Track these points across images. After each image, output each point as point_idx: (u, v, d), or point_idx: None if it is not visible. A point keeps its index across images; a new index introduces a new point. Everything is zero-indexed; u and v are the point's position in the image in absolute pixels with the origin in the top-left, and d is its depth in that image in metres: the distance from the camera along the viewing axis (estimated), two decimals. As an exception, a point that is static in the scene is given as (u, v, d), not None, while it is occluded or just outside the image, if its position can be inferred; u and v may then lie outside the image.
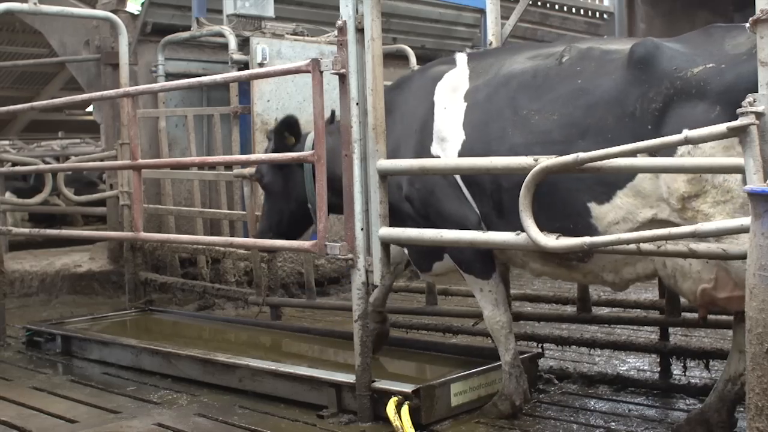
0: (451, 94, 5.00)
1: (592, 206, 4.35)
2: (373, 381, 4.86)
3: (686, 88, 4.08)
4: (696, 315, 5.36)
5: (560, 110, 4.49)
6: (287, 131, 5.66)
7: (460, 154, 4.80)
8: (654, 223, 4.18)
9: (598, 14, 17.93)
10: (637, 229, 4.18)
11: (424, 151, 4.98)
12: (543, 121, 4.54)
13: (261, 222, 6.09)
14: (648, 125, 4.17)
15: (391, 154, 4.96)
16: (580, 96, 4.44)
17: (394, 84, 5.50)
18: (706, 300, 4.29)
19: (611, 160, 3.88)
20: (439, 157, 4.89)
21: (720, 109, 3.95)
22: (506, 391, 4.94)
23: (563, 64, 4.61)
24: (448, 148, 4.89)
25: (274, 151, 5.72)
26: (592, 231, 4.31)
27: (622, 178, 4.24)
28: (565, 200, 4.41)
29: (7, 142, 15.72)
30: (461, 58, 5.17)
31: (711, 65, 4.07)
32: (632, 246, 3.90)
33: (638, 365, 6.03)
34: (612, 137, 4.22)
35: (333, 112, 5.60)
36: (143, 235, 6.24)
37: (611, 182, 4.27)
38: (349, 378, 4.96)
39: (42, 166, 10.34)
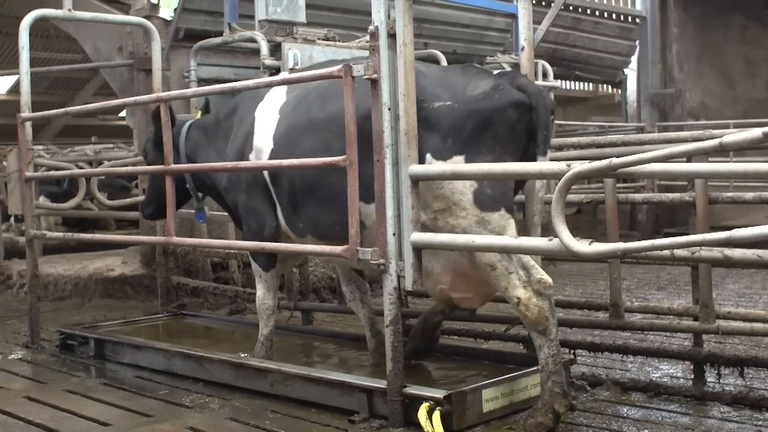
0: (270, 109, 5.82)
1: (362, 205, 5.07)
2: (405, 386, 4.85)
3: (428, 119, 4.87)
4: (731, 322, 5.35)
5: (338, 123, 5.14)
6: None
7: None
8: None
9: (630, 18, 17.84)
10: None
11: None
12: (325, 132, 5.36)
13: (146, 195, 7.06)
14: None
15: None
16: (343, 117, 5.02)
17: (237, 99, 6.39)
18: (443, 297, 5.28)
19: (644, 165, 3.85)
20: None
21: (451, 140, 4.83)
22: (258, 355, 6.04)
23: (338, 84, 5.19)
24: (261, 157, 5.77)
25: (154, 131, 6.56)
26: (361, 225, 5.10)
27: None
28: (343, 199, 5.03)
29: (41, 147, 15.87)
30: (284, 88, 5.88)
31: (448, 103, 4.86)
32: (666, 252, 3.88)
33: (671, 372, 5.98)
34: (369, 156, 4.92)
35: (207, 102, 6.47)
36: (175, 239, 6.28)
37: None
38: (380, 383, 4.96)
39: (75, 171, 10.43)
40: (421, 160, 4.85)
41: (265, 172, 5.77)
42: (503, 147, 4.82)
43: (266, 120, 5.83)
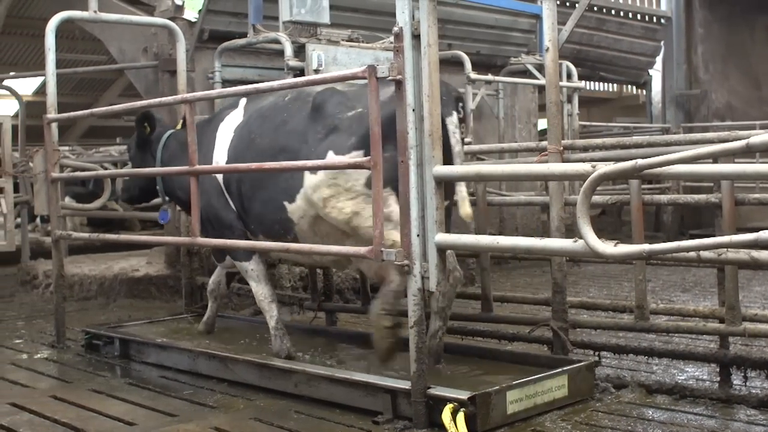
0: (227, 129, 6.56)
1: (286, 204, 5.97)
2: (429, 387, 4.85)
3: (340, 125, 5.74)
4: (758, 325, 5.32)
5: (271, 135, 6.12)
6: (146, 122, 7.17)
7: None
8: (318, 218, 5.81)
9: (655, 19, 17.74)
10: (313, 222, 5.88)
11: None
12: (262, 143, 6.17)
13: (125, 182, 8.07)
14: (313, 148, 5.80)
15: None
16: (283, 126, 6.07)
17: (204, 121, 7.03)
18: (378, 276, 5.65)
19: (670, 166, 3.83)
20: None
21: (355, 138, 5.60)
22: (275, 349, 6.30)
23: (285, 100, 6.23)
24: (217, 162, 6.50)
25: (137, 136, 7.32)
26: (290, 222, 6.00)
27: (298, 185, 5.85)
28: (273, 200, 6.05)
29: (66, 148, 15.97)
30: (242, 101, 6.66)
31: (360, 110, 5.67)
32: (692, 254, 3.86)
33: (697, 375, 5.95)
34: (296, 158, 5.81)
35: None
36: (200, 240, 6.29)
37: (294, 189, 5.90)
38: (404, 384, 4.96)
39: (101, 172, 10.49)
40: (323, 157, 5.70)
41: (221, 181, 6.51)
42: None
43: (223, 138, 6.57)
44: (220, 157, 6.51)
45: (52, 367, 6.92)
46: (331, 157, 5.64)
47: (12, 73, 22.25)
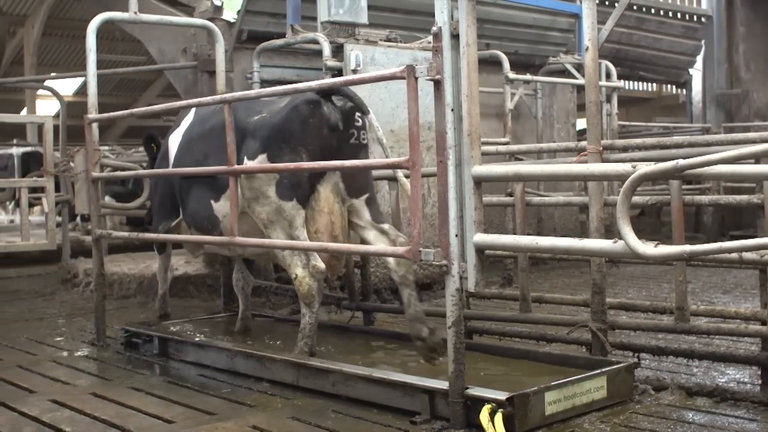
0: (181, 128, 7.25)
1: (212, 203, 6.61)
2: (467, 388, 4.83)
3: (248, 129, 6.27)
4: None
5: (204, 139, 6.77)
6: (152, 143, 7.93)
7: (173, 166, 7.16)
8: (244, 214, 6.32)
9: (695, 18, 17.58)
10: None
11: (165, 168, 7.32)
12: (197, 146, 6.84)
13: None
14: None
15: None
16: (211, 131, 6.64)
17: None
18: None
19: (711, 167, 3.79)
20: None
21: (259, 142, 6.15)
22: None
23: (216, 109, 6.73)
24: (170, 164, 7.19)
25: (148, 157, 8.20)
26: (215, 219, 6.61)
27: (224, 187, 6.31)
28: (201, 198, 6.69)
29: (107, 148, 16.12)
30: (194, 109, 7.24)
31: (264, 115, 6.24)
32: (734, 255, 3.82)
33: (738, 377, 5.88)
34: (220, 160, 6.28)
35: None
36: (239, 239, 6.31)
37: (220, 188, 6.44)
38: (442, 384, 4.95)
39: (140, 171, 10.55)
40: (240, 163, 6.15)
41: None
42: (297, 140, 6.02)
43: (176, 137, 7.24)
44: (172, 152, 7.25)
45: (92, 364, 6.98)
46: (246, 162, 6.19)
47: (53, 74, 22.53)
